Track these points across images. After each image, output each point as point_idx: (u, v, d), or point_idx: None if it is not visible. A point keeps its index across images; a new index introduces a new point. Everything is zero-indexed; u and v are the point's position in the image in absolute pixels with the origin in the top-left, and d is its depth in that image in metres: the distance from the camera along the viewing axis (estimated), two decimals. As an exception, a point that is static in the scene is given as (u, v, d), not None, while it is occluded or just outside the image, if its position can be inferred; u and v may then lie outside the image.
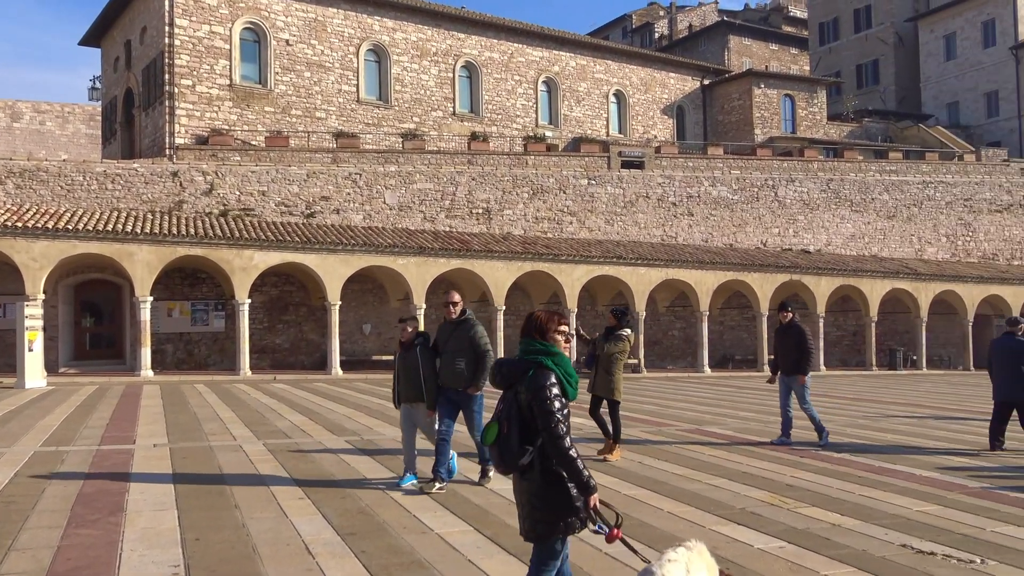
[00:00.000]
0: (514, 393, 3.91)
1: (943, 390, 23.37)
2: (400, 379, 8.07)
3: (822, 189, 34.46)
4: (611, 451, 9.81)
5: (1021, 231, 37.41)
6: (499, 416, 3.90)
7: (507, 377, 3.97)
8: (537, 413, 3.79)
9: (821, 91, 43.97)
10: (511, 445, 3.82)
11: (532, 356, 3.95)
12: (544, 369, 3.87)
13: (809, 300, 30.82)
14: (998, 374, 11.32)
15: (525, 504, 3.90)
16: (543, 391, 3.80)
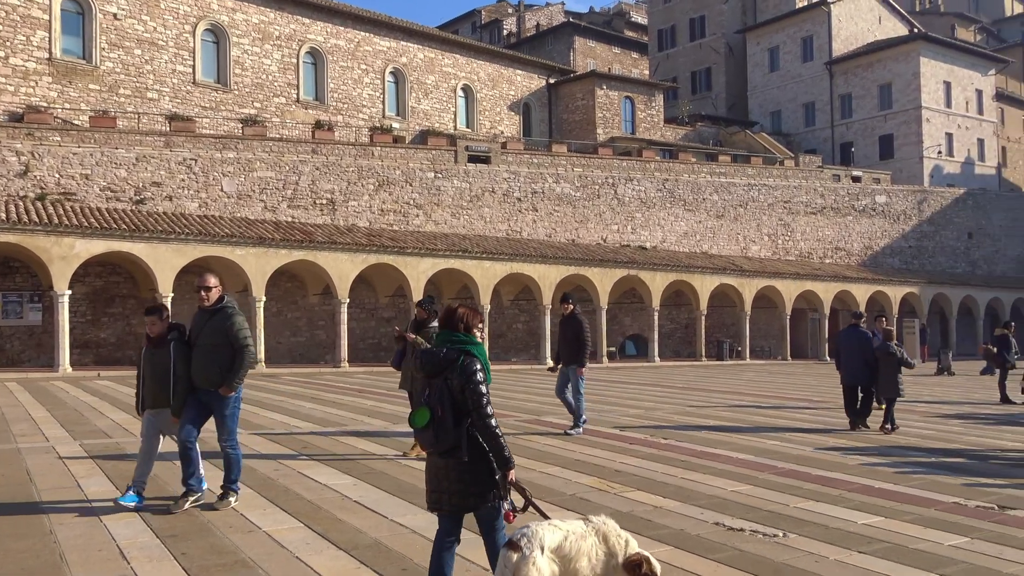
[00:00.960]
0: (443, 380, 4.30)
1: (763, 379, 25.09)
2: (145, 380, 6.94)
3: (658, 188, 36.09)
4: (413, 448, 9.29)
5: (832, 232, 40.72)
6: (428, 401, 4.29)
7: (437, 366, 4.36)
8: (468, 395, 4.25)
9: (659, 95, 46.02)
10: (447, 427, 4.22)
11: (459, 346, 4.39)
12: (472, 357, 4.34)
13: (646, 294, 32.24)
14: (845, 361, 12.93)
15: (454, 481, 4.29)
16: (474, 376, 4.28)
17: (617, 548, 4.12)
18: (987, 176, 51.17)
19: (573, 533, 4.04)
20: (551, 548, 3.94)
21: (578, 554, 4.01)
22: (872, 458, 10.02)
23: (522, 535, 3.94)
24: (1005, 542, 6.22)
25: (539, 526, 4.01)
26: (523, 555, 3.86)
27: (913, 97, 47.74)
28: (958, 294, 40.91)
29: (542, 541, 3.92)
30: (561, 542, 3.99)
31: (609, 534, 4.14)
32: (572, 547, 4.00)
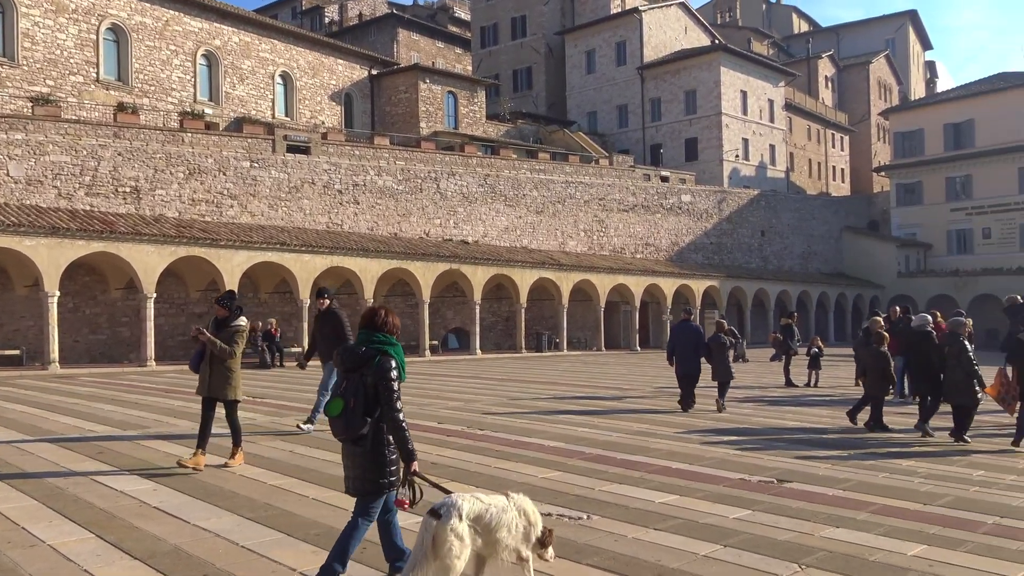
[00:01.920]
0: (359, 375, 4.66)
1: (578, 369, 26.11)
2: None
3: (480, 184, 36.61)
4: (233, 456, 8.63)
5: (643, 228, 42.99)
6: (343, 393, 4.64)
7: (354, 362, 4.72)
8: (381, 391, 4.62)
9: (481, 91, 46.61)
10: (356, 417, 4.59)
11: (377, 346, 4.74)
12: (388, 356, 4.71)
13: (467, 288, 32.63)
14: (679, 353, 14.22)
15: (358, 467, 4.69)
16: (387, 374, 4.64)
17: (535, 520, 4.62)
18: (778, 179, 55.89)
19: (495, 506, 4.45)
20: (471, 517, 4.31)
21: (499, 525, 4.41)
22: (671, 441, 10.72)
23: (443, 503, 4.32)
24: (781, 512, 6.87)
25: (461, 497, 4.39)
26: (442, 520, 4.23)
27: (715, 104, 51.26)
28: (752, 287, 44.45)
29: (461, 510, 4.29)
30: (482, 512, 4.38)
31: (528, 509, 4.59)
32: (493, 518, 4.40)
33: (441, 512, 4.29)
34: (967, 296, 46.85)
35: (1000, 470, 8.93)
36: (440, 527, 4.24)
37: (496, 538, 4.42)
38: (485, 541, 4.40)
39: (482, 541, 4.39)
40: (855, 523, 6.53)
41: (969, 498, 7.50)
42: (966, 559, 5.61)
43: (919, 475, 8.55)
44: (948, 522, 6.58)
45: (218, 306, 8.55)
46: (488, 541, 4.41)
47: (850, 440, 11.02)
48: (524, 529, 4.55)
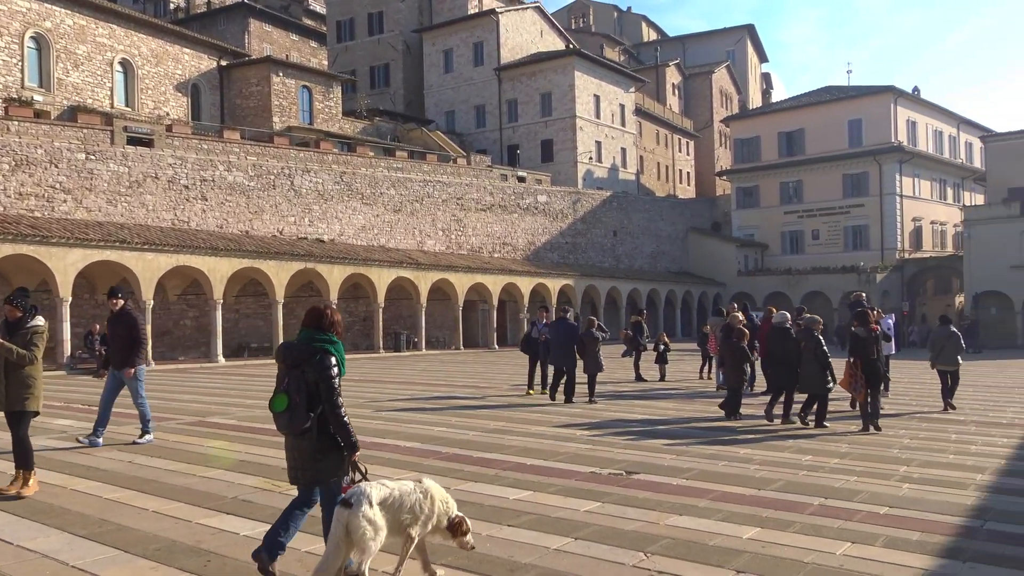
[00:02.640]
0: (301, 372, 4.91)
1: (436, 368, 26.11)
2: None
3: (336, 181, 35.90)
4: (26, 482, 7.40)
5: (500, 228, 43.50)
6: (286, 389, 4.88)
7: (296, 359, 4.96)
8: (322, 387, 4.88)
9: (337, 87, 45.72)
10: (300, 412, 4.84)
11: (319, 343, 4.99)
12: (328, 354, 4.96)
13: (324, 288, 31.92)
14: (555, 349, 15.26)
15: (306, 459, 4.97)
16: (328, 370, 4.91)
17: (441, 508, 5.01)
18: (629, 181, 57.99)
19: (398, 490, 4.86)
20: (377, 502, 4.71)
21: (401, 507, 4.82)
22: (526, 438, 10.91)
23: (352, 493, 4.72)
24: (629, 503, 7.14)
25: (368, 485, 4.79)
26: (353, 509, 4.62)
27: (569, 107, 52.56)
28: (605, 285, 45.93)
29: (369, 497, 4.68)
30: (386, 497, 4.77)
31: (435, 495, 4.99)
32: (396, 501, 4.80)
33: (352, 501, 4.65)
34: (799, 293, 50.30)
35: (826, 455, 9.64)
36: (352, 515, 4.60)
37: (399, 519, 4.83)
38: (390, 525, 4.79)
39: (387, 522, 4.77)
40: (697, 510, 6.88)
41: (798, 482, 8.06)
42: (794, 539, 6.03)
43: (755, 462, 9.11)
44: (779, 505, 7.04)
45: (9, 306, 7.41)
46: (393, 522, 4.81)
47: (693, 431, 11.58)
48: (428, 512, 4.94)
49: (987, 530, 6.35)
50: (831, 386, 11.91)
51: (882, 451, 9.92)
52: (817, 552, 5.70)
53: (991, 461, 9.27)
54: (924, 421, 12.81)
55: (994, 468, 8.86)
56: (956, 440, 10.86)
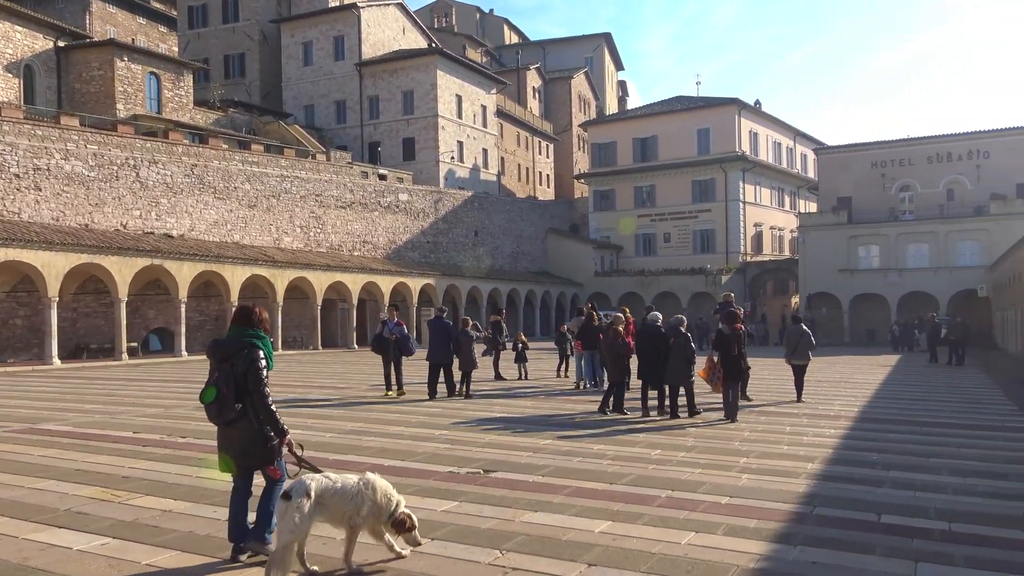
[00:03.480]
0: (230, 365, 5.33)
1: (293, 368, 25.40)
2: None
3: (186, 174, 34.24)
4: None
5: (360, 226, 42.86)
6: (216, 382, 5.30)
7: (226, 353, 5.39)
8: (250, 378, 5.33)
9: (188, 75, 43.66)
10: (230, 402, 5.28)
11: (248, 338, 5.44)
12: (256, 348, 5.41)
13: (172, 285, 30.38)
14: (432, 345, 15.85)
15: (238, 447, 5.42)
16: (256, 363, 5.37)
17: (383, 503, 5.27)
18: (490, 182, 58.53)
19: (341, 483, 5.15)
20: (317, 494, 5.00)
21: (342, 500, 5.12)
22: (384, 439, 10.81)
23: (292, 486, 5.00)
24: (486, 501, 7.22)
25: (309, 478, 5.09)
26: (291, 502, 4.90)
27: (431, 106, 52.45)
28: (467, 285, 46.16)
29: (308, 490, 4.96)
30: (326, 489, 5.07)
31: (378, 489, 5.27)
32: (337, 493, 5.09)
33: (291, 494, 4.96)
34: (651, 293, 52.39)
35: (674, 448, 10.09)
36: (288, 508, 4.92)
37: (342, 510, 5.16)
38: (333, 514, 5.16)
39: (330, 515, 5.15)
40: (551, 506, 7.04)
41: (648, 475, 8.39)
42: (643, 531, 6.28)
43: (608, 457, 9.41)
44: (629, 498, 7.31)
45: None
46: (335, 515, 5.17)
47: (550, 428, 11.83)
48: (369, 506, 5.22)
49: (816, 515, 6.83)
50: (694, 379, 12.88)
51: (725, 444, 10.48)
52: (664, 543, 5.95)
53: (820, 451, 9.98)
54: (762, 415, 13.63)
55: (822, 457, 9.55)
56: (790, 432, 11.63)
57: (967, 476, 8.49)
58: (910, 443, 10.64)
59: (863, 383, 20.05)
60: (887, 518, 6.74)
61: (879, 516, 6.80)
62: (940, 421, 12.95)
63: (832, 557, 5.66)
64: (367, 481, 5.26)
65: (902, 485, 8.02)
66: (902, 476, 8.44)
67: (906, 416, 13.52)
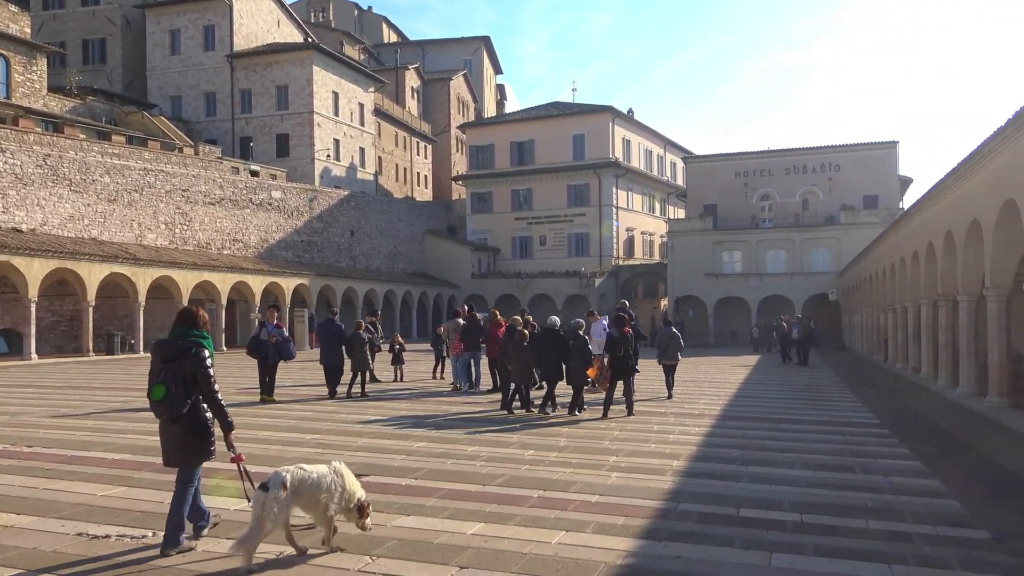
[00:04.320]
0: (178, 364, 5.64)
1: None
2: None
3: (38, 164, 32.00)
4: None
5: (231, 223, 41.32)
6: (164, 380, 5.60)
7: (172, 353, 5.68)
8: (200, 377, 5.66)
9: (42, 59, 40.92)
10: (179, 399, 5.61)
11: (193, 339, 5.76)
12: (203, 348, 5.74)
13: (20, 283, 28.32)
14: (326, 348, 16.29)
15: (179, 441, 5.71)
16: (204, 362, 5.71)
17: (351, 490, 5.72)
18: (367, 181, 57.75)
19: (316, 473, 5.55)
20: (293, 485, 5.40)
21: (318, 489, 5.52)
22: (251, 444, 10.44)
23: (270, 478, 5.36)
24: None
25: (285, 469, 5.47)
26: (269, 492, 5.29)
27: (307, 102, 51.24)
28: (342, 285, 45.30)
29: (285, 480, 5.36)
30: (303, 479, 5.47)
31: (346, 477, 5.70)
32: (313, 483, 5.50)
33: (268, 485, 5.34)
34: (527, 295, 53.06)
35: (546, 448, 10.23)
36: (266, 498, 5.28)
37: (318, 498, 5.53)
38: (307, 503, 5.54)
39: (304, 503, 5.53)
40: (424, 509, 7.00)
41: (520, 476, 8.47)
42: (515, 532, 6.33)
43: (481, 459, 9.45)
44: (502, 500, 7.36)
45: None
46: (310, 503, 5.55)
47: (425, 430, 11.76)
48: (340, 492, 5.63)
49: (680, 511, 7.09)
50: (589, 380, 13.78)
51: (595, 443, 10.73)
52: (535, 543, 6.03)
53: (685, 448, 10.37)
54: (633, 413, 14.05)
55: (687, 454, 9.92)
56: (658, 430, 12.03)
57: (818, 470, 9.03)
58: (768, 439, 11.21)
59: (726, 383, 21.00)
60: (745, 511, 7.07)
61: (738, 510, 7.13)
62: (795, 418, 13.73)
63: (694, 551, 5.89)
64: (337, 470, 5.70)
65: (759, 479, 8.44)
66: (760, 471, 8.88)
67: (764, 414, 14.25)
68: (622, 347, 13.47)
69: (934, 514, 7.06)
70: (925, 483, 8.41)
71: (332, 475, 5.62)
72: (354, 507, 5.75)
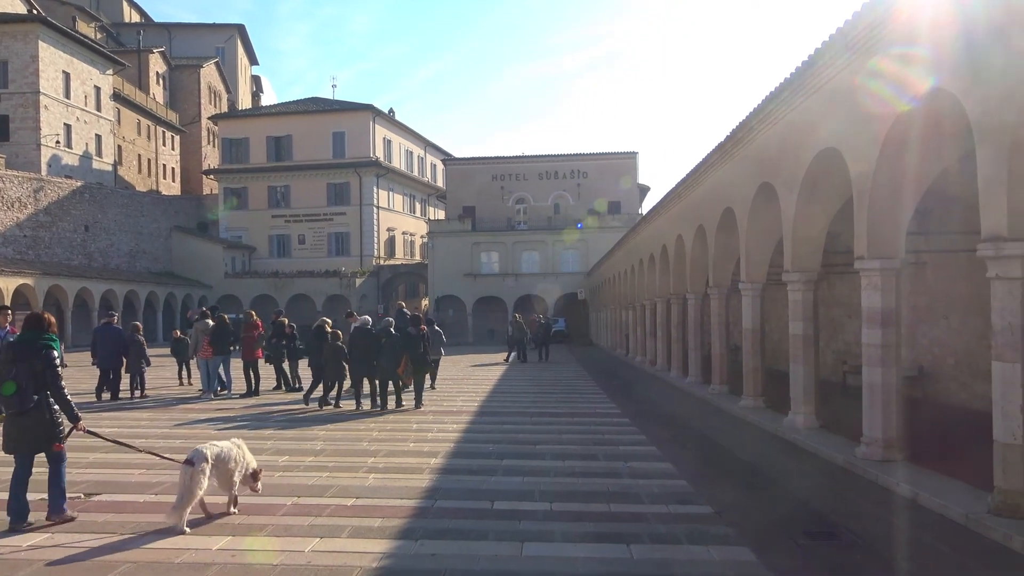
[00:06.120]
0: (28, 364, 6.34)
1: None
2: None
3: None
4: None
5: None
6: (14, 378, 6.30)
7: (24, 354, 6.38)
8: (48, 375, 6.38)
9: None
10: (29, 394, 6.33)
11: (44, 341, 6.51)
12: (52, 349, 6.48)
13: None
14: (100, 351, 16.37)
15: (31, 432, 6.41)
16: (54, 362, 6.44)
17: (250, 459, 6.96)
18: (105, 172, 52.87)
19: (226, 448, 6.68)
20: (213, 458, 6.47)
21: (229, 460, 6.66)
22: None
23: (193, 455, 6.39)
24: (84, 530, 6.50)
25: (203, 446, 6.52)
26: (194, 467, 6.30)
27: (32, 80, 45.96)
28: (75, 286, 41.08)
29: (205, 456, 6.39)
30: (218, 453, 6.56)
31: (244, 449, 6.89)
32: (226, 456, 6.63)
33: (193, 460, 6.35)
34: (285, 295, 51.32)
35: (302, 453, 9.92)
36: (193, 473, 6.27)
37: (228, 468, 6.68)
38: (220, 473, 6.62)
39: (218, 473, 6.60)
40: (165, 527, 6.49)
41: (273, 483, 8.12)
42: (266, 542, 6.07)
43: (232, 468, 8.94)
44: (252, 510, 7.02)
45: None
46: (223, 473, 6.64)
47: (170, 441, 10.95)
48: (243, 463, 6.84)
49: (437, 508, 7.18)
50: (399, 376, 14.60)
51: (353, 445, 10.58)
52: (287, 552, 5.81)
53: (443, 445, 10.52)
54: (392, 412, 14.04)
55: (445, 451, 10.07)
56: (417, 429, 12.11)
57: (567, 459, 9.54)
58: (521, 432, 11.67)
59: (483, 379, 21.61)
60: (499, 504, 7.30)
61: (492, 503, 7.34)
62: (546, 411, 14.42)
63: (449, 547, 5.97)
64: (238, 443, 6.90)
65: (513, 472, 8.76)
66: (513, 464, 9.22)
67: (519, 408, 14.83)
68: (420, 344, 14.68)
69: (666, 494, 7.71)
70: (659, 466, 9.17)
71: (236, 448, 6.79)
72: (250, 474, 6.95)
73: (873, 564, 5.73)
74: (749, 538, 6.24)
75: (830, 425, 11.22)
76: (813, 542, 6.20)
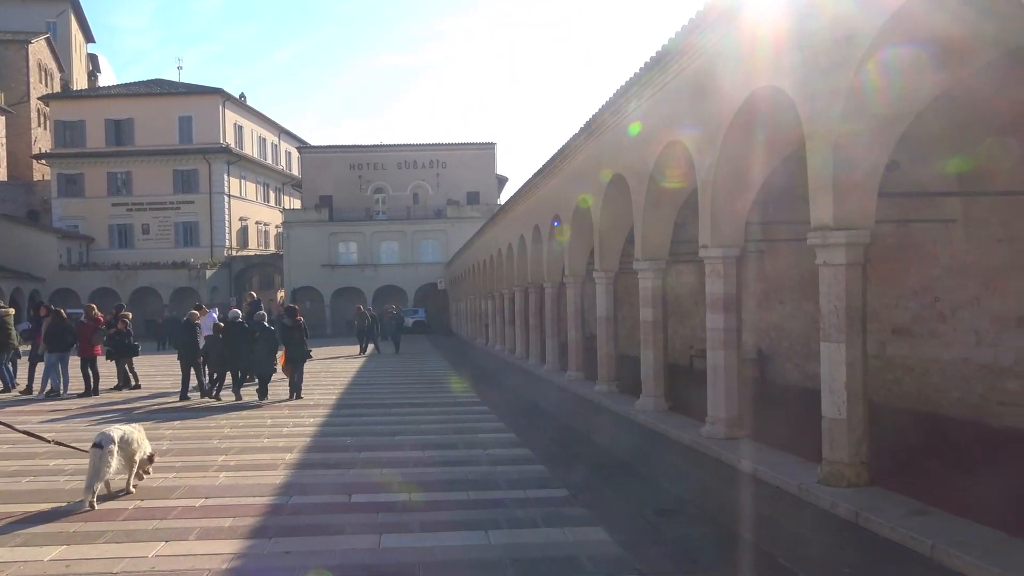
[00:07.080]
0: None
1: None
2: None
3: None
4: None
5: None
6: None
7: None
8: None
9: None
10: None
11: None
12: None
13: None
14: None
15: None
16: None
17: (147, 444, 7.61)
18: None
19: (127, 430, 7.26)
20: (119, 441, 7.06)
21: (131, 442, 7.26)
22: None
23: (100, 438, 6.92)
24: None
25: (109, 429, 7.12)
26: (103, 449, 6.83)
27: None
28: None
29: (112, 439, 6.96)
30: (122, 436, 7.14)
31: (142, 432, 7.55)
32: (128, 437, 7.24)
33: (101, 443, 6.82)
34: (128, 289, 48.45)
35: (146, 455, 9.40)
36: (103, 454, 6.76)
37: (131, 450, 7.20)
38: (125, 454, 7.15)
39: (123, 455, 7.11)
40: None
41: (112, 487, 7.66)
42: (105, 550, 5.72)
43: (66, 473, 8.36)
44: (90, 517, 6.60)
45: None
46: (127, 454, 7.18)
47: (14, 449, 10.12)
48: (141, 444, 7.38)
49: (291, 504, 6.99)
50: (276, 367, 14.70)
51: (202, 443, 10.14)
52: (129, 559, 5.50)
53: (299, 440, 10.26)
54: (244, 408, 13.55)
55: (301, 446, 9.83)
56: (271, 424, 11.75)
57: (426, 449, 9.52)
58: (380, 424, 11.56)
59: (341, 371, 21.22)
60: (357, 497, 7.20)
61: (350, 496, 7.24)
62: (406, 402, 14.34)
63: (305, 544, 5.83)
64: (136, 427, 7.48)
65: (372, 464, 8.66)
66: (372, 456, 9.12)
67: (378, 400, 14.69)
68: (296, 335, 14.80)
69: (524, 480, 7.83)
70: (517, 452, 9.32)
71: (134, 431, 7.34)
72: (146, 457, 7.54)
73: (717, 535, 6.06)
74: (603, 518, 6.44)
75: (679, 407, 11.75)
76: (662, 519, 6.48)
